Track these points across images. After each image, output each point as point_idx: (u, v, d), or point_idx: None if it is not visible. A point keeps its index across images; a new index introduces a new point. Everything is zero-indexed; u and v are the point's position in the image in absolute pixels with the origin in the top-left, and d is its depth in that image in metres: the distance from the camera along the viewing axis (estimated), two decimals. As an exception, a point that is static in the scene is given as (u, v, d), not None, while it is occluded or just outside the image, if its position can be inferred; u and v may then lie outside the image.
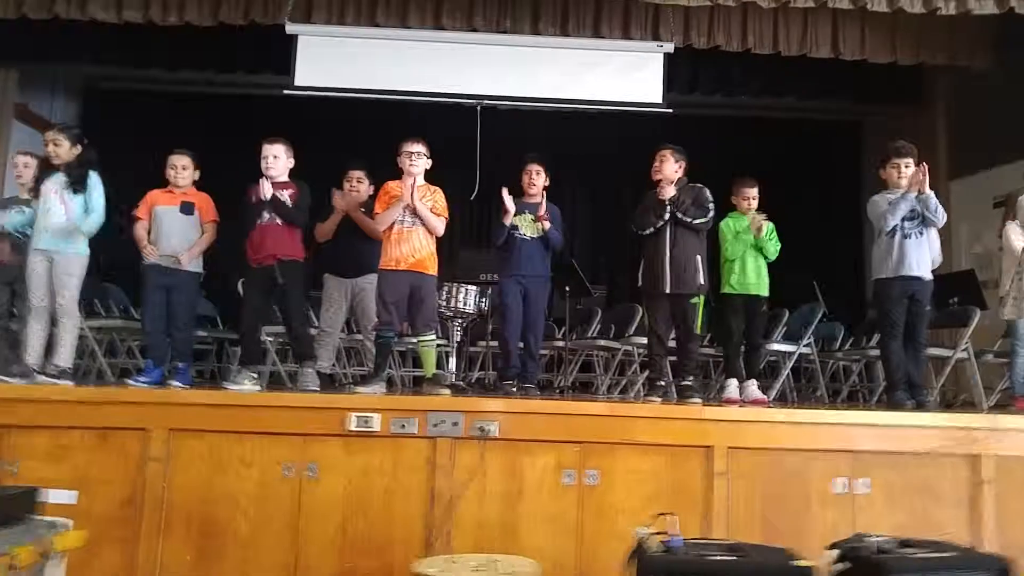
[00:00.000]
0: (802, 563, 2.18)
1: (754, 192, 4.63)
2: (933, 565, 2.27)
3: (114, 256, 5.08)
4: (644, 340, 4.59)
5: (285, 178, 4.24)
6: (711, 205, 4.26)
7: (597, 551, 3.26)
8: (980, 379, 5.11)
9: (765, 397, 4.53)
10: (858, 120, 8.55)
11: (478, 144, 5.96)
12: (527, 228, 4.44)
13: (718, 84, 6.99)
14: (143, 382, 3.96)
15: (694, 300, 4.23)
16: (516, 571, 2.83)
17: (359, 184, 4.68)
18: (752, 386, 4.46)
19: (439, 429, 3.31)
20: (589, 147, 8.05)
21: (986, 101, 7.03)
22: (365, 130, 6.51)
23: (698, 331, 4.43)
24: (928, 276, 4.28)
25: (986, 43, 6.55)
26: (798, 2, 5.36)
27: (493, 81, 6.00)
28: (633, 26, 6.11)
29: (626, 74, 6.06)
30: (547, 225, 4.41)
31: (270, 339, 4.82)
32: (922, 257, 4.24)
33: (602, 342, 5.58)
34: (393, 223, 4.04)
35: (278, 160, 4.18)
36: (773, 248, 4.55)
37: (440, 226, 4.13)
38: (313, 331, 4.68)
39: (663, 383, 4.33)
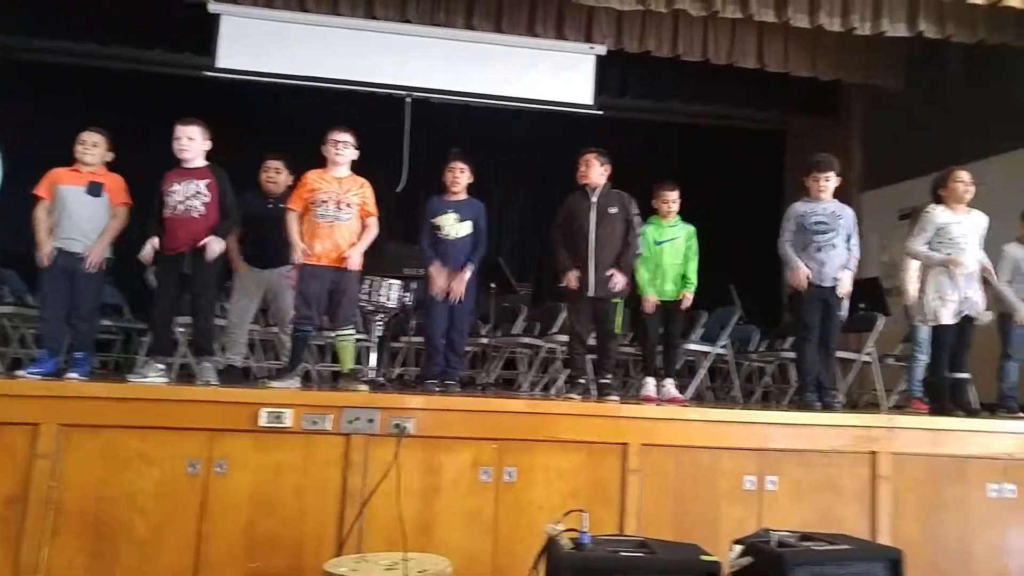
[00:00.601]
0: (708, 558, 2.22)
1: (674, 196, 4.71)
2: (831, 557, 2.37)
3: (12, 239, 4.77)
4: (567, 338, 4.63)
5: (201, 162, 4.01)
6: (638, 217, 4.37)
7: (513, 548, 3.26)
8: (882, 381, 5.36)
9: (681, 396, 4.61)
10: (781, 130, 8.87)
11: (406, 136, 5.89)
12: (451, 228, 4.37)
13: (648, 89, 7.12)
14: (35, 374, 3.71)
15: (614, 300, 4.32)
16: (428, 569, 2.80)
17: (277, 175, 4.53)
18: (669, 385, 4.55)
19: (354, 426, 3.25)
20: (521, 145, 8.09)
21: (897, 118, 7.40)
22: (289, 117, 6.35)
23: (618, 331, 4.51)
24: (833, 284, 4.35)
25: (898, 64, 6.90)
26: (726, 12, 5.48)
27: (424, 74, 5.94)
28: (567, 27, 6.15)
29: (558, 74, 6.10)
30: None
31: (182, 330, 4.61)
32: (835, 267, 4.34)
33: (525, 339, 5.60)
34: (316, 216, 3.91)
35: (193, 142, 3.95)
36: (693, 268, 4.64)
37: (375, 232, 4.02)
38: (222, 323, 4.51)
39: (583, 381, 4.37)
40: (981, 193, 6.36)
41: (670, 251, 4.63)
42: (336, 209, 3.91)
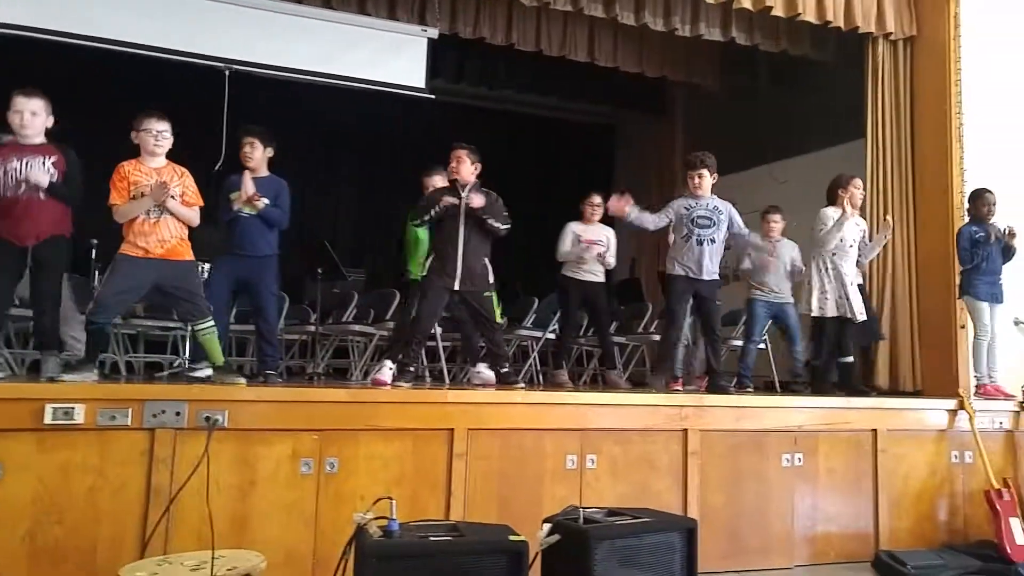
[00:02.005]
0: (516, 539, 2.26)
1: (434, 181, 4.65)
2: (633, 530, 2.51)
3: None
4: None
5: (41, 139, 3.56)
6: (506, 214, 4.37)
7: (335, 539, 3.16)
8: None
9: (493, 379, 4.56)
10: (612, 124, 9.24)
11: (225, 111, 5.51)
12: (244, 205, 4.13)
13: (483, 76, 7.16)
14: None
15: (487, 293, 4.34)
16: (239, 566, 2.66)
17: None
18: (482, 368, 4.51)
19: (159, 420, 3.03)
20: (353, 125, 7.89)
21: (716, 116, 7.94)
22: (88, 84, 5.72)
23: (498, 320, 4.52)
24: (714, 276, 4.57)
25: (716, 65, 7.39)
26: (557, 4, 5.61)
27: (246, 47, 5.56)
28: (399, 7, 6.05)
29: (389, 55, 5.96)
30: (261, 204, 4.12)
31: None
32: (712, 262, 4.52)
33: (356, 327, 5.46)
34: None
35: (36, 118, 3.51)
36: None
37: (196, 218, 3.71)
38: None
39: (413, 368, 4.33)
40: (783, 190, 7.01)
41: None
42: (160, 204, 3.57)
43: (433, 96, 6.15)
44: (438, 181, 4.61)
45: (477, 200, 4.18)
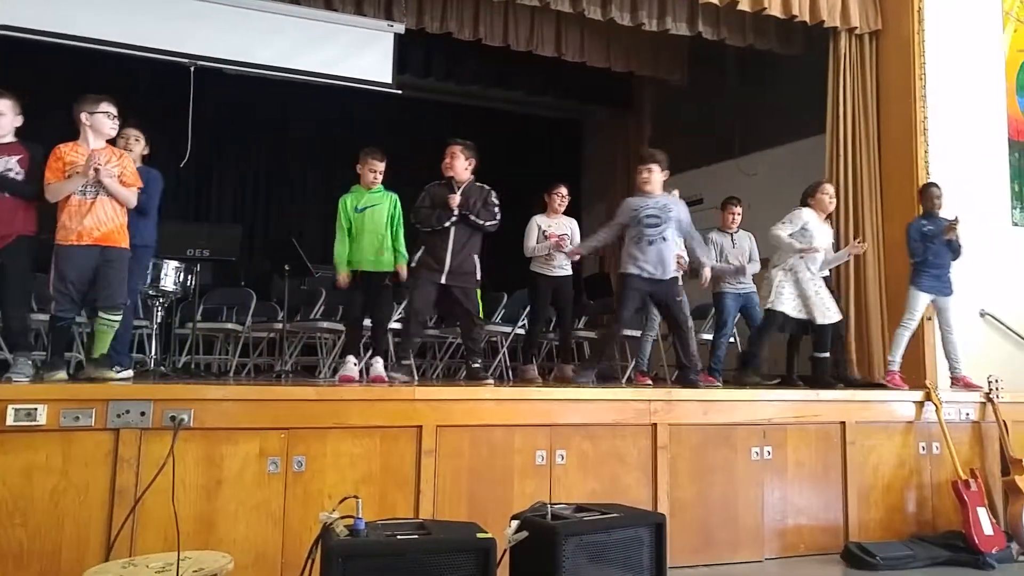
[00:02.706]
0: (483, 536, 2.26)
1: (381, 166, 4.45)
2: (601, 525, 2.52)
3: None
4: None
5: (11, 139, 3.57)
6: (497, 209, 4.36)
7: (304, 538, 3.14)
8: (665, 357, 5.80)
9: (384, 375, 4.33)
10: (579, 119, 9.25)
11: (191, 107, 5.43)
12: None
13: (451, 71, 7.14)
14: None
15: (473, 287, 4.36)
16: (205, 567, 2.63)
17: None
18: (377, 364, 4.35)
19: (123, 420, 2.98)
20: (320, 121, 7.82)
21: (683, 111, 8.00)
22: (51, 81, 5.59)
23: (480, 316, 4.56)
24: (668, 276, 4.47)
25: (683, 60, 7.43)
26: (524, -1, 5.62)
27: (212, 43, 5.48)
28: (366, 3, 6.01)
29: (356, 51, 5.93)
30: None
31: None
32: (663, 259, 4.41)
33: (324, 324, 5.43)
34: (75, 193, 3.51)
35: (3, 117, 3.53)
36: (401, 238, 4.45)
37: (133, 198, 3.67)
38: None
39: (408, 361, 4.35)
40: (752, 183, 7.09)
41: (371, 218, 4.37)
42: (96, 184, 3.52)
43: (400, 91, 6.14)
44: (375, 164, 4.43)
45: (453, 199, 4.17)
